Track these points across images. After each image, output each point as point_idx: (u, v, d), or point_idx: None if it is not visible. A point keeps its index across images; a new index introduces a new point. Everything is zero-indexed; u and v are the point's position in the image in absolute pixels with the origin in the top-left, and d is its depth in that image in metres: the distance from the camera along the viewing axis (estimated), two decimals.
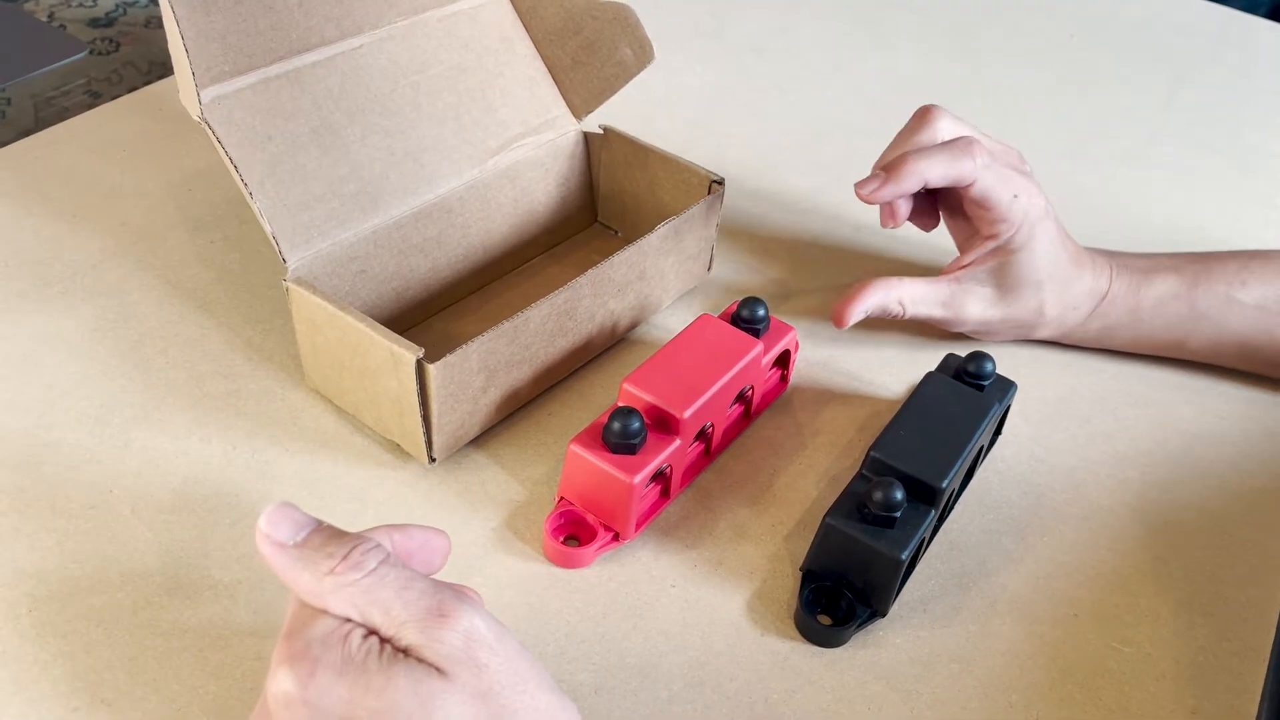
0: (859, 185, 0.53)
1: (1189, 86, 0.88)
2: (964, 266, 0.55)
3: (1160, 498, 0.52)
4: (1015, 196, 0.53)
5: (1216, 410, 0.57)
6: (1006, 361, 0.58)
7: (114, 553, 0.45)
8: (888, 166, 0.52)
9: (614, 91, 0.60)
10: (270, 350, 0.55)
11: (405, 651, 0.32)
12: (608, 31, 0.58)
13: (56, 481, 0.48)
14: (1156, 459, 0.54)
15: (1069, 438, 0.54)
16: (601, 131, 0.61)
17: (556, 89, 0.61)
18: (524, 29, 0.60)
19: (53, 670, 0.41)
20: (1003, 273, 0.54)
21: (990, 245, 0.54)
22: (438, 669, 0.31)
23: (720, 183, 0.57)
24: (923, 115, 0.55)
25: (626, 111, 0.63)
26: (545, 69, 0.61)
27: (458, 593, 0.33)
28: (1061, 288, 0.55)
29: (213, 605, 0.44)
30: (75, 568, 0.45)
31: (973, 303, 0.55)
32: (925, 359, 0.58)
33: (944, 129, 0.54)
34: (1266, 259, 0.56)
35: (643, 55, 0.58)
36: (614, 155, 0.62)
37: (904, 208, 0.55)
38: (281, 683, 0.31)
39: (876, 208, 0.58)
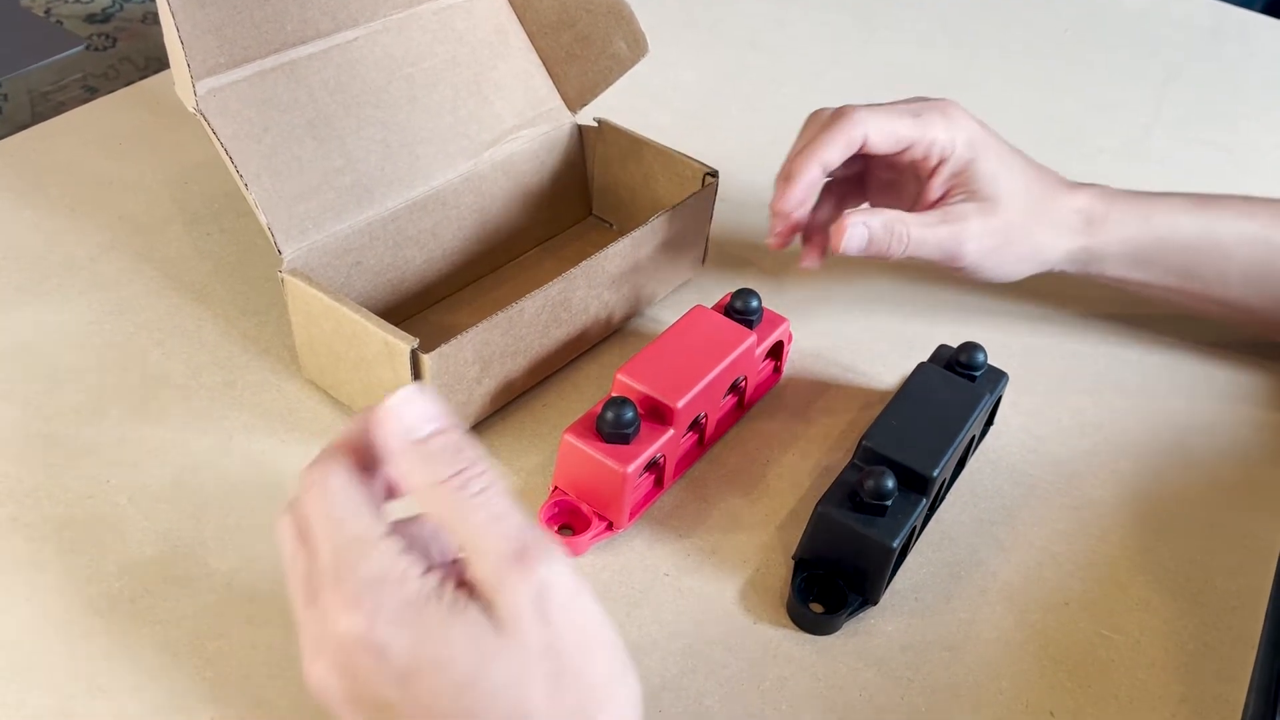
0: (772, 220, 0.53)
1: (1184, 80, 0.88)
2: (935, 202, 0.54)
3: (1151, 488, 0.52)
4: (918, 115, 0.52)
5: (1207, 401, 0.57)
6: (998, 352, 0.58)
7: (111, 542, 0.45)
8: (781, 175, 0.52)
9: (608, 84, 0.60)
10: (267, 342, 0.55)
11: (470, 586, 0.31)
12: (602, 24, 0.58)
13: (54, 472, 0.48)
14: (1148, 449, 0.54)
15: (1060, 428, 0.55)
16: (596, 124, 0.61)
17: (551, 82, 0.61)
18: (518, 22, 0.61)
19: (49, 658, 0.41)
20: (974, 187, 0.53)
21: (944, 172, 0.53)
22: (499, 620, 0.30)
23: (714, 175, 0.57)
24: (810, 119, 0.55)
25: (621, 104, 0.64)
26: (540, 62, 0.61)
27: (546, 540, 0.31)
28: (1043, 190, 0.54)
29: (209, 595, 0.44)
30: (72, 557, 0.45)
31: (968, 223, 0.53)
32: (917, 350, 0.58)
33: (822, 122, 0.53)
34: (1270, 200, 0.56)
35: (637, 48, 0.58)
36: (609, 148, 0.62)
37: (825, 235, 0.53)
38: (344, 625, 0.30)
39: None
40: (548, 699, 0.30)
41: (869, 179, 0.58)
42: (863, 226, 0.51)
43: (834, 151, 0.51)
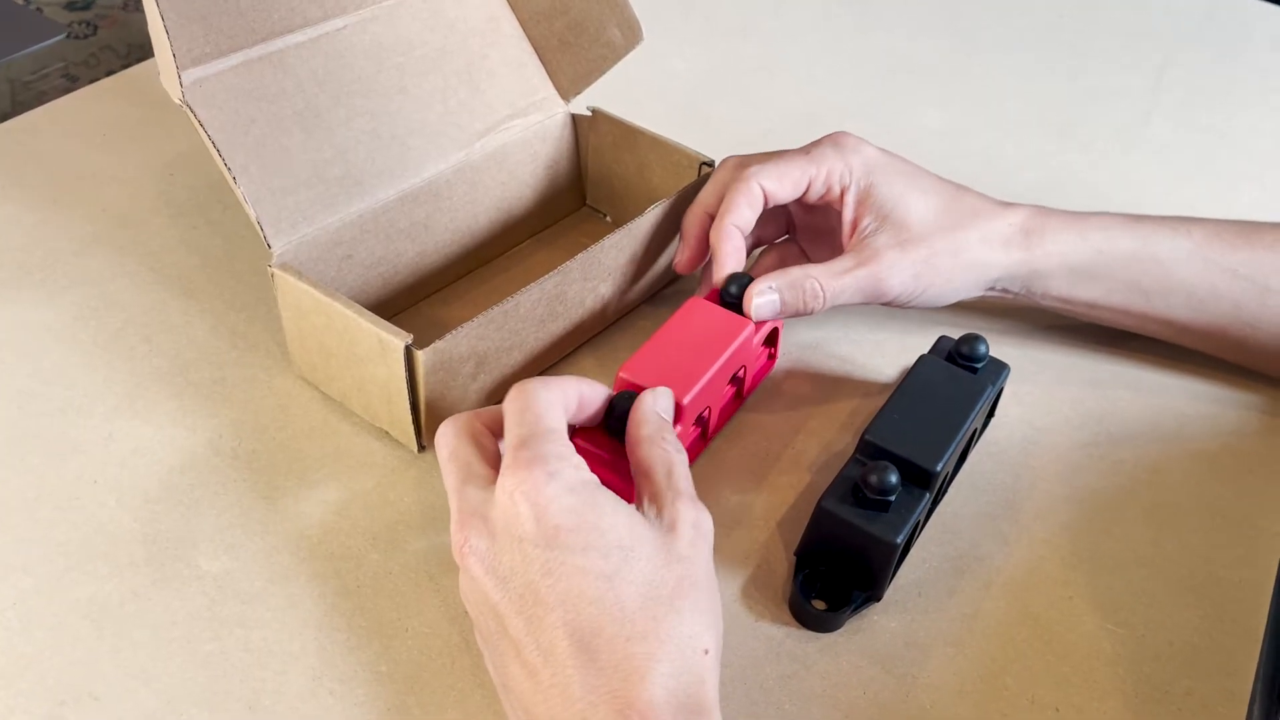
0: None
1: (1179, 66, 0.87)
2: (851, 235, 0.52)
3: (1153, 479, 0.52)
4: (809, 153, 0.52)
5: (1209, 391, 0.57)
6: (997, 342, 0.57)
7: (100, 544, 0.45)
8: (712, 250, 0.52)
9: (602, 72, 0.59)
10: (256, 337, 0.54)
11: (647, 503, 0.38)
12: (595, 11, 0.57)
13: (40, 473, 0.47)
14: (1149, 440, 0.54)
15: (1062, 420, 0.54)
16: (590, 113, 0.60)
17: (544, 70, 0.60)
18: (510, 9, 0.60)
19: (39, 664, 0.40)
20: (882, 210, 0.51)
21: (849, 199, 0.52)
22: (662, 523, 0.37)
23: (710, 165, 0.56)
24: (720, 167, 0.54)
25: (614, 93, 0.62)
26: (532, 50, 0.60)
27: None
28: (968, 207, 0.52)
29: (201, 597, 0.43)
30: (60, 560, 0.44)
31: (884, 257, 0.51)
32: (917, 342, 0.57)
33: (720, 181, 0.53)
34: (1201, 219, 0.55)
35: (631, 36, 0.57)
36: (602, 138, 0.61)
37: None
38: (522, 477, 0.35)
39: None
40: (671, 596, 0.35)
41: (799, 236, 0.58)
42: (770, 291, 0.50)
43: (742, 213, 0.51)
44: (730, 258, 0.51)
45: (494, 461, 0.39)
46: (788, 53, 0.84)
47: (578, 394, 0.42)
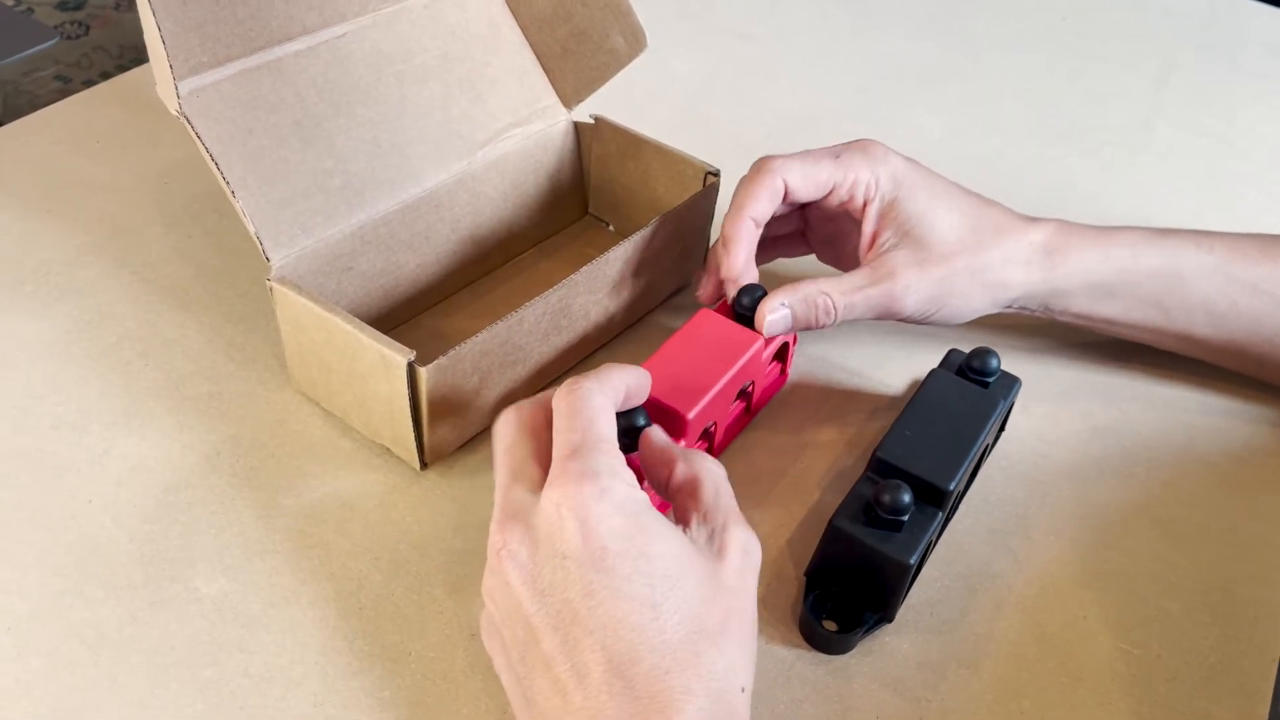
0: (706, 280, 0.52)
1: (1181, 69, 0.87)
2: (869, 247, 0.51)
3: (1166, 494, 0.51)
4: (838, 157, 0.50)
5: (1221, 404, 0.56)
6: (1009, 357, 0.57)
7: (95, 566, 0.44)
8: (720, 242, 0.51)
9: (605, 80, 0.58)
10: (254, 351, 0.53)
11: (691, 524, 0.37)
12: (599, 18, 0.56)
13: (34, 492, 0.46)
14: (1162, 454, 0.53)
15: (1073, 433, 0.54)
16: (593, 121, 0.60)
17: (546, 78, 0.59)
18: (512, 16, 0.59)
19: (34, 691, 0.39)
20: (905, 226, 0.50)
21: (872, 211, 0.51)
22: (712, 549, 0.36)
23: (716, 174, 0.56)
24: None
25: (614, 96, 0.61)
26: (534, 57, 0.59)
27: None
28: (993, 225, 0.51)
29: (199, 620, 0.42)
30: (56, 582, 0.43)
31: (900, 276, 0.50)
32: (927, 356, 0.57)
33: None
34: (1224, 234, 0.54)
35: (635, 43, 0.56)
36: (606, 146, 0.60)
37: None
38: (572, 489, 0.34)
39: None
40: (714, 630, 0.34)
41: (809, 234, 0.57)
42: (782, 308, 0.49)
43: (760, 205, 0.50)
44: (743, 252, 0.50)
45: (548, 462, 0.37)
46: (785, 55, 0.83)
47: (624, 388, 0.40)
